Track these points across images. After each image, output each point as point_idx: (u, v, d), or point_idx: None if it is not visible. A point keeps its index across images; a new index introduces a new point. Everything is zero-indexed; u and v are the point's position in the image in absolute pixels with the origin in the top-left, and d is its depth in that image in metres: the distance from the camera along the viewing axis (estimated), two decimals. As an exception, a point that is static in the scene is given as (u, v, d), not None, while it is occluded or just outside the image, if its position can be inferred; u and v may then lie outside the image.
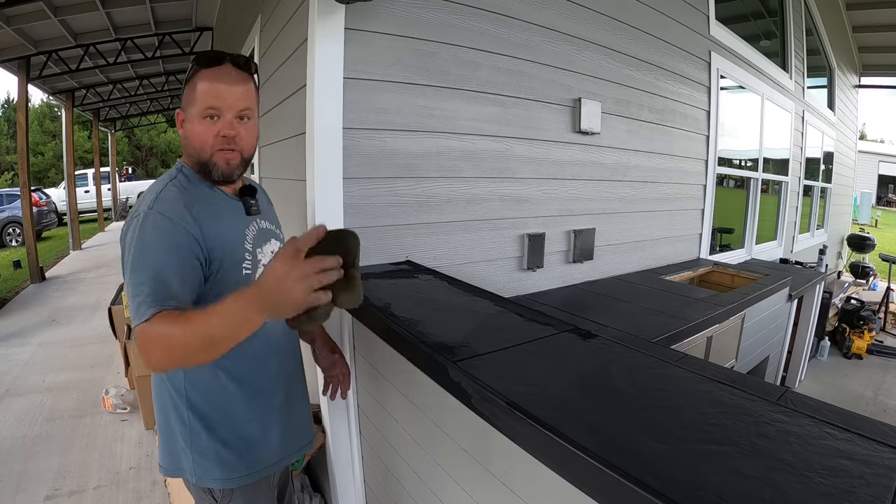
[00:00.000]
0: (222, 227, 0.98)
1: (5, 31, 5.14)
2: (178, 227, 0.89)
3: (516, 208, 2.13)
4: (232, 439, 1.01)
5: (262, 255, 1.06)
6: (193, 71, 0.97)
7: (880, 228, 16.38)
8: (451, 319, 1.18)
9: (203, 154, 0.96)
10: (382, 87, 1.66)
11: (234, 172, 1.00)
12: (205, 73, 0.96)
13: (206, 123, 0.95)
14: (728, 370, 1.10)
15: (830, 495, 0.55)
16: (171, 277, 0.85)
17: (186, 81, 0.97)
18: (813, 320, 3.93)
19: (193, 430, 0.99)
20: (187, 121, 0.97)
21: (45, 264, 7.19)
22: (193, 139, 0.96)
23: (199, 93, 0.94)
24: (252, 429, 1.04)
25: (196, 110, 0.95)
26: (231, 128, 0.96)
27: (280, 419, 1.09)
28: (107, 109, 11.06)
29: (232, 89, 0.95)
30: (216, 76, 0.95)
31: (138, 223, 0.88)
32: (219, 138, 0.95)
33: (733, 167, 4.01)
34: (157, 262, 0.85)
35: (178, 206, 0.91)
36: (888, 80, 8.42)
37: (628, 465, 0.60)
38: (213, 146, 0.96)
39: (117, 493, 2.21)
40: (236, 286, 0.91)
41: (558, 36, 2.17)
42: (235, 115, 0.96)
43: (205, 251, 0.92)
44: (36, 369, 3.61)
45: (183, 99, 0.99)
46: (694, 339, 1.98)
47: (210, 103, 0.94)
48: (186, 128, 0.97)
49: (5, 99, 22.08)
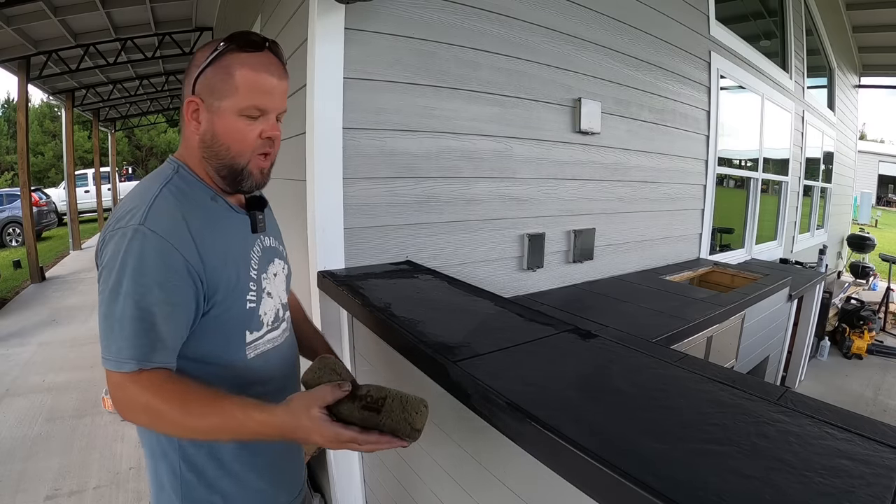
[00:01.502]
0: (225, 249, 0.80)
1: (5, 31, 5.14)
2: (174, 253, 0.72)
3: (516, 208, 2.13)
4: (226, 491, 0.86)
5: (268, 282, 0.88)
6: (226, 51, 0.77)
7: (880, 228, 16.39)
8: (451, 319, 1.18)
9: (240, 159, 0.80)
10: (382, 87, 1.66)
11: (264, 183, 0.85)
12: (245, 60, 0.77)
13: (245, 122, 0.78)
14: (728, 370, 1.10)
15: (830, 495, 0.55)
16: (159, 322, 0.70)
17: (211, 62, 0.77)
18: (813, 320, 3.93)
19: (186, 481, 0.83)
20: (216, 114, 0.78)
21: (45, 264, 7.19)
22: (227, 139, 0.78)
23: (240, 83, 0.76)
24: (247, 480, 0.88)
25: (234, 104, 0.77)
26: (275, 128, 0.81)
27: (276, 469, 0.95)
28: (107, 109, 11.06)
29: (280, 85, 0.80)
30: (262, 66, 0.78)
31: (124, 239, 0.71)
32: (261, 140, 0.80)
33: (733, 167, 4.01)
34: (141, 295, 0.69)
35: (176, 223, 0.74)
36: (888, 80, 8.43)
37: (628, 465, 0.60)
38: (255, 149, 0.80)
39: (117, 493, 2.21)
40: (238, 321, 0.82)
41: (558, 36, 2.17)
42: (277, 115, 0.82)
43: (204, 285, 0.75)
44: (36, 369, 3.62)
45: (204, 85, 0.78)
46: (694, 339, 1.98)
47: (256, 101, 0.77)
48: (216, 124, 0.78)
49: (5, 99, 22.09)
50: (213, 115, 0.78)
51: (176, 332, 0.73)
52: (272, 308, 0.89)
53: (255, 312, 0.85)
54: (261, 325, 0.86)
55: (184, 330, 0.75)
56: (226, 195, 0.86)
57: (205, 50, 0.79)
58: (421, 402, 0.75)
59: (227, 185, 0.83)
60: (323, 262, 1.57)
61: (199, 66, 0.78)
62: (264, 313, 0.87)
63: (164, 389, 0.69)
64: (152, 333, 0.70)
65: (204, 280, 0.75)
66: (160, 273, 0.71)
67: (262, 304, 0.86)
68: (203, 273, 0.75)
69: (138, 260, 0.70)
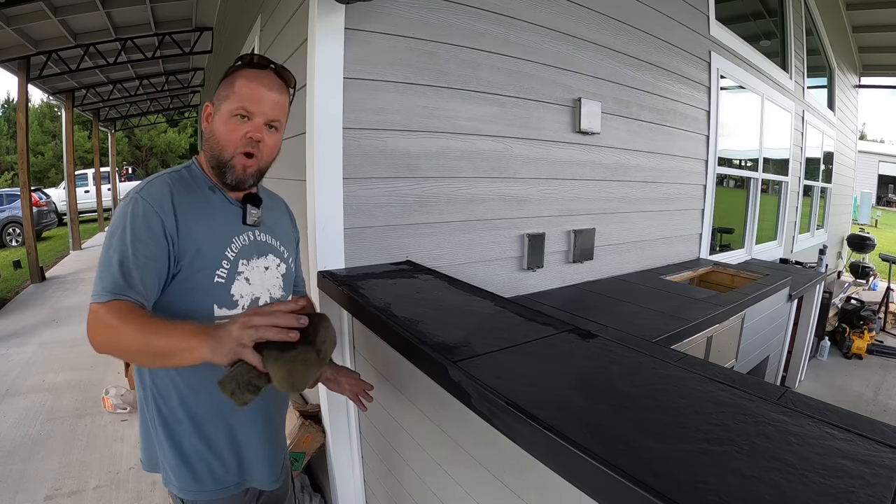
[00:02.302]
0: (204, 226, 0.93)
1: (5, 31, 5.14)
2: (154, 216, 0.87)
3: (516, 208, 2.13)
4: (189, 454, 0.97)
5: (248, 270, 0.99)
6: (235, 69, 0.96)
7: (880, 228, 16.39)
8: (451, 319, 1.17)
9: (224, 153, 0.94)
10: (383, 87, 1.66)
11: (248, 180, 0.97)
12: (245, 73, 0.94)
13: (235, 122, 0.93)
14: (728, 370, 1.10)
15: (830, 495, 0.55)
16: (134, 268, 0.84)
17: (224, 77, 0.96)
18: (813, 320, 3.93)
19: (158, 435, 0.98)
20: (216, 115, 0.94)
21: (45, 264, 7.19)
22: (218, 135, 0.94)
23: (235, 90, 0.92)
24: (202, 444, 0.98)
25: (228, 107, 0.93)
26: (258, 131, 0.93)
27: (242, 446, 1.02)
28: (107, 109, 11.06)
29: (269, 95, 0.94)
30: (256, 78, 0.94)
31: (125, 204, 0.89)
32: (244, 139, 0.93)
33: (733, 167, 4.01)
34: (125, 246, 0.84)
35: (162, 195, 0.90)
36: (888, 80, 8.42)
37: (628, 465, 0.60)
38: (237, 147, 0.93)
39: (117, 493, 2.21)
40: (204, 292, 0.93)
41: (558, 36, 2.17)
42: (265, 122, 0.94)
43: (175, 247, 0.89)
44: (36, 369, 3.62)
45: (216, 93, 0.96)
46: (694, 339, 1.98)
47: (244, 104, 0.92)
48: (214, 123, 0.95)
49: (5, 99, 22.08)
50: (216, 115, 0.95)
51: (149, 281, 0.86)
52: (249, 293, 0.99)
53: (226, 290, 0.95)
54: (233, 305, 0.97)
55: (155, 280, 0.87)
56: (226, 189, 0.99)
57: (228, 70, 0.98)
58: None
59: (216, 177, 0.97)
60: (323, 262, 1.57)
61: (220, 80, 0.97)
62: (240, 295, 0.98)
63: (127, 312, 0.80)
64: (129, 277, 0.83)
65: (176, 243, 0.89)
66: (142, 232, 0.86)
67: (235, 286, 0.97)
68: (176, 236, 0.89)
69: (130, 220, 0.86)
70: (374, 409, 1.52)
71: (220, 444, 1.00)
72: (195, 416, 0.97)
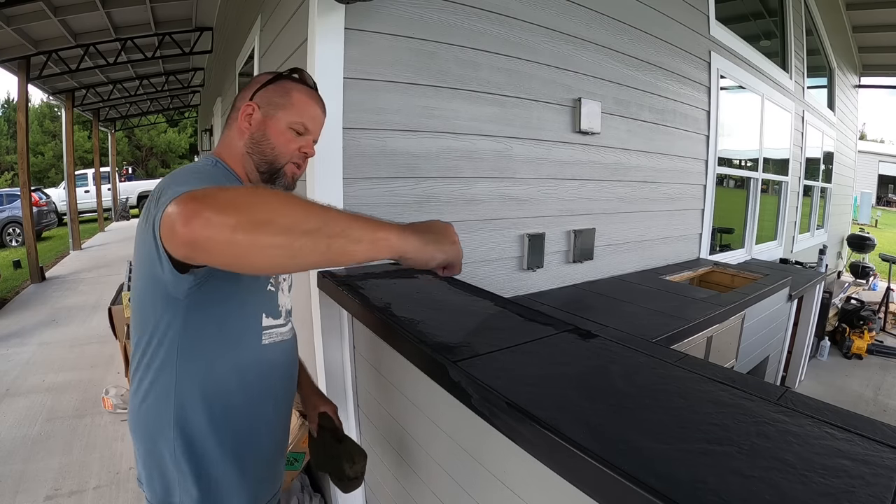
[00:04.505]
0: None
1: (5, 31, 5.14)
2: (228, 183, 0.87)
3: (516, 208, 2.13)
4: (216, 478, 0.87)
5: (283, 279, 1.00)
6: (286, 79, 0.98)
7: (880, 228, 16.40)
8: (451, 319, 1.17)
9: (279, 159, 0.96)
10: (382, 87, 1.66)
11: (293, 188, 1.00)
12: (301, 88, 0.97)
13: (291, 134, 0.96)
14: (728, 370, 1.10)
15: (830, 495, 0.55)
16: None
17: (271, 83, 0.96)
18: (813, 320, 3.93)
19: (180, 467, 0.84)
20: (270, 120, 0.94)
21: (45, 264, 7.19)
22: (275, 140, 0.95)
23: (294, 103, 0.95)
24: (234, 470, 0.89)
25: (287, 117, 0.95)
26: (311, 148, 0.99)
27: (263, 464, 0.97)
28: (107, 109, 11.06)
29: (322, 117, 1.01)
30: (312, 97, 0.98)
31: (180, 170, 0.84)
32: (299, 153, 0.97)
33: (733, 167, 4.01)
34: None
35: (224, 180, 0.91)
36: (888, 80, 8.42)
37: (628, 465, 0.60)
38: (291, 158, 0.97)
39: (117, 493, 2.21)
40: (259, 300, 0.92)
41: (558, 36, 2.17)
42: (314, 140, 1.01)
43: None
44: (36, 369, 3.62)
45: (263, 97, 0.95)
46: (694, 339, 1.98)
47: (305, 120, 0.96)
48: (268, 126, 0.94)
49: (5, 99, 22.11)
50: (268, 119, 0.94)
51: None
52: (284, 304, 1.00)
53: (274, 298, 0.96)
54: (277, 315, 0.96)
55: None
56: None
57: (266, 74, 0.98)
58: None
59: (262, 180, 0.96)
60: (323, 262, 1.57)
61: (261, 83, 0.96)
62: (282, 305, 0.98)
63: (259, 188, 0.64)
64: None
65: None
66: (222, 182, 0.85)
67: (279, 295, 0.98)
68: None
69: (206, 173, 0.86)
70: (374, 410, 1.52)
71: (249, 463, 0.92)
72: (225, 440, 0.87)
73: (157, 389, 0.83)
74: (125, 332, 2.89)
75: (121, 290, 3.40)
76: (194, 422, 0.84)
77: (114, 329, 3.11)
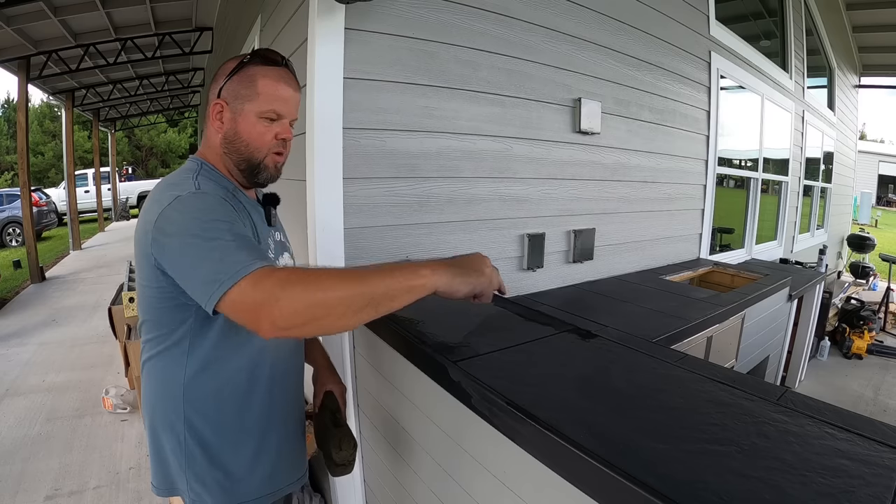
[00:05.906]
0: (251, 226, 0.91)
1: (5, 31, 5.14)
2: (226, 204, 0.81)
3: (516, 208, 2.13)
4: (229, 468, 0.91)
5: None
6: (249, 64, 0.90)
7: (880, 228, 16.39)
8: (451, 319, 1.17)
9: (258, 154, 0.91)
10: (382, 87, 1.66)
11: (278, 176, 0.97)
12: (266, 72, 0.90)
13: (264, 124, 0.90)
14: (728, 370, 1.10)
15: (830, 495, 0.55)
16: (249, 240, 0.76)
17: (235, 72, 0.90)
18: (813, 320, 3.93)
19: (189, 453, 0.89)
20: (239, 116, 0.90)
21: (45, 264, 7.19)
22: (247, 136, 0.90)
23: (261, 90, 0.88)
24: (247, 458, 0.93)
25: (255, 108, 0.89)
26: (288, 131, 0.93)
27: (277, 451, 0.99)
28: (107, 109, 11.06)
29: (293, 95, 0.93)
30: (280, 78, 0.91)
31: (188, 200, 0.78)
32: (276, 140, 0.92)
33: (733, 167, 4.01)
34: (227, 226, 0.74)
35: (218, 191, 0.84)
36: (888, 80, 8.42)
37: (628, 465, 0.60)
38: (270, 149, 0.92)
39: (117, 493, 2.21)
40: None
41: (558, 36, 2.17)
42: (290, 121, 0.95)
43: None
44: (36, 369, 3.62)
45: (229, 91, 0.90)
46: (694, 339, 1.98)
47: (275, 106, 0.90)
48: (238, 123, 0.90)
49: (5, 99, 22.10)
50: (237, 115, 0.90)
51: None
52: None
53: None
54: None
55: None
56: (244, 190, 0.96)
57: (231, 62, 0.92)
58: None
59: (245, 178, 0.94)
60: (323, 262, 1.57)
61: (226, 75, 0.90)
62: None
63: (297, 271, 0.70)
64: (255, 247, 0.74)
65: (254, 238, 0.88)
66: (227, 214, 0.78)
67: None
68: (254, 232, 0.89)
69: (209, 207, 0.78)
70: (375, 410, 1.52)
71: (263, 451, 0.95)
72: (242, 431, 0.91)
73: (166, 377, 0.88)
74: (125, 332, 2.89)
75: (121, 290, 3.40)
76: (203, 411, 0.88)
77: (114, 329, 3.11)
